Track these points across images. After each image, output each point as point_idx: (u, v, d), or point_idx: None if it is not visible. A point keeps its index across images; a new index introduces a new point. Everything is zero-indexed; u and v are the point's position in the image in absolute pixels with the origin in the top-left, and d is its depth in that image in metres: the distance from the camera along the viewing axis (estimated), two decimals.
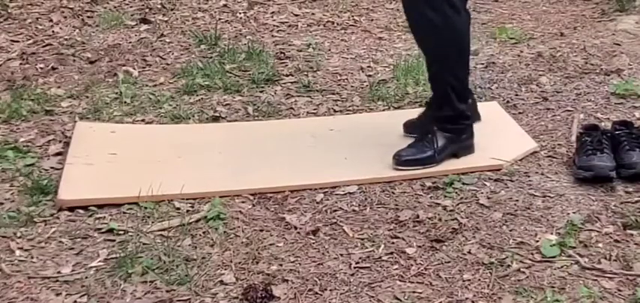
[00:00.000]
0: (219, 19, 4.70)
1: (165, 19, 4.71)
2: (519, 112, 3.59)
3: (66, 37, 4.43)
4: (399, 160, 3.05)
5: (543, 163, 3.17)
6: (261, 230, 2.76)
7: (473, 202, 2.91)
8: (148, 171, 3.04)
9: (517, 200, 2.92)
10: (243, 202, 2.91)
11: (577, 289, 2.45)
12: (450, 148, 3.08)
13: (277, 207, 2.89)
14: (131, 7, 4.87)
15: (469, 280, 2.51)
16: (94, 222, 2.79)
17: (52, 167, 3.14)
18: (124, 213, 2.84)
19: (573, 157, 3.12)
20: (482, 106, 3.65)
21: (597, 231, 2.73)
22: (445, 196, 2.94)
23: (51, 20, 4.60)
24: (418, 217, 2.81)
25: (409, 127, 3.27)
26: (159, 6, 4.87)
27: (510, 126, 3.45)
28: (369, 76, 3.97)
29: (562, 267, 2.56)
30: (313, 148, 3.26)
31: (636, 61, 4.07)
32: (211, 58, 4.18)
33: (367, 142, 3.23)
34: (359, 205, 2.90)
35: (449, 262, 2.59)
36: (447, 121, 3.09)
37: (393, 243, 2.69)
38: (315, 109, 3.64)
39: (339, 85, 3.89)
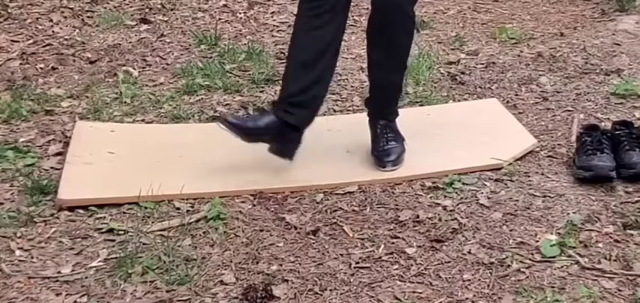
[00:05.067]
0: (219, 19, 4.70)
1: (165, 19, 4.71)
2: (519, 112, 3.59)
3: (66, 37, 4.43)
4: (396, 161, 3.09)
5: (543, 163, 3.17)
6: (261, 230, 2.76)
7: (473, 202, 2.91)
8: (148, 171, 3.04)
9: (517, 200, 2.92)
10: (243, 202, 2.91)
11: (577, 289, 2.45)
12: None
13: (277, 207, 2.89)
14: (131, 7, 4.86)
15: (469, 280, 2.51)
16: (94, 222, 2.79)
17: (52, 167, 3.14)
18: (124, 213, 2.84)
19: (573, 157, 3.12)
20: (481, 104, 3.67)
21: (597, 231, 2.73)
22: (445, 196, 2.94)
23: (51, 20, 4.60)
24: (418, 217, 2.81)
25: None
26: (159, 6, 4.86)
27: (510, 123, 3.45)
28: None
29: (562, 267, 2.56)
30: (313, 148, 3.25)
31: (636, 61, 4.07)
32: (211, 58, 4.18)
33: (367, 142, 3.23)
34: (359, 205, 2.90)
35: (449, 262, 2.59)
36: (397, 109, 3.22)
37: (393, 243, 2.69)
38: None
39: (339, 85, 3.88)
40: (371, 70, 3.19)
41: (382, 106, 3.18)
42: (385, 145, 3.11)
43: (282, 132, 3.00)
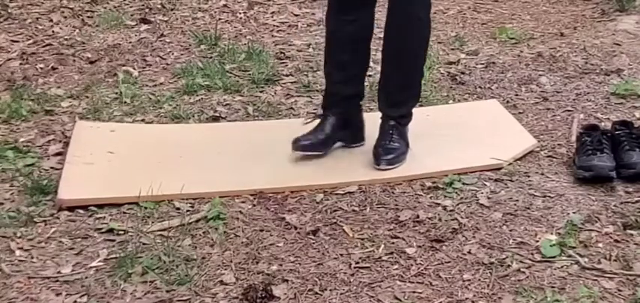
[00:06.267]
0: (219, 19, 4.70)
1: (166, 19, 4.71)
2: (519, 112, 3.59)
3: (66, 37, 4.43)
4: (392, 161, 3.08)
5: (543, 163, 3.17)
6: (261, 230, 2.76)
7: (473, 202, 2.91)
8: (148, 171, 3.04)
9: (517, 200, 2.92)
10: (243, 202, 2.91)
11: (577, 289, 2.45)
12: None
13: (277, 207, 2.89)
14: (131, 7, 4.86)
15: (469, 280, 2.51)
16: (94, 222, 2.79)
17: (52, 167, 3.14)
18: (124, 213, 2.84)
19: (573, 157, 3.13)
20: (481, 105, 3.67)
21: (597, 231, 2.73)
22: (445, 196, 2.94)
23: (51, 20, 4.61)
24: (418, 217, 2.81)
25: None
26: (159, 6, 4.87)
27: (510, 124, 3.45)
28: (369, 76, 3.96)
29: (562, 267, 2.56)
30: None
31: (636, 61, 4.07)
32: (211, 58, 4.18)
33: (367, 142, 3.23)
34: (359, 205, 2.90)
35: (449, 262, 2.59)
36: (410, 116, 3.21)
37: (393, 243, 2.69)
38: (315, 109, 3.64)
39: None
40: (382, 66, 3.20)
41: (389, 105, 3.16)
42: (387, 145, 3.11)
43: (346, 124, 3.19)
